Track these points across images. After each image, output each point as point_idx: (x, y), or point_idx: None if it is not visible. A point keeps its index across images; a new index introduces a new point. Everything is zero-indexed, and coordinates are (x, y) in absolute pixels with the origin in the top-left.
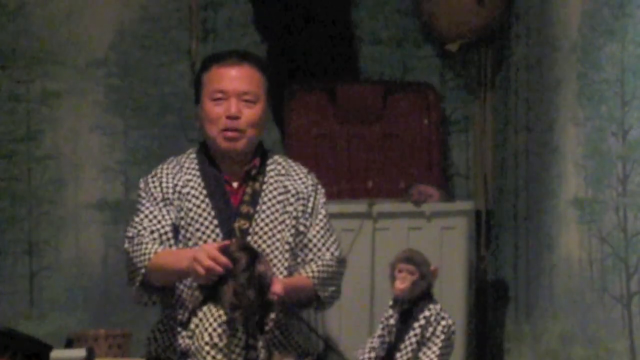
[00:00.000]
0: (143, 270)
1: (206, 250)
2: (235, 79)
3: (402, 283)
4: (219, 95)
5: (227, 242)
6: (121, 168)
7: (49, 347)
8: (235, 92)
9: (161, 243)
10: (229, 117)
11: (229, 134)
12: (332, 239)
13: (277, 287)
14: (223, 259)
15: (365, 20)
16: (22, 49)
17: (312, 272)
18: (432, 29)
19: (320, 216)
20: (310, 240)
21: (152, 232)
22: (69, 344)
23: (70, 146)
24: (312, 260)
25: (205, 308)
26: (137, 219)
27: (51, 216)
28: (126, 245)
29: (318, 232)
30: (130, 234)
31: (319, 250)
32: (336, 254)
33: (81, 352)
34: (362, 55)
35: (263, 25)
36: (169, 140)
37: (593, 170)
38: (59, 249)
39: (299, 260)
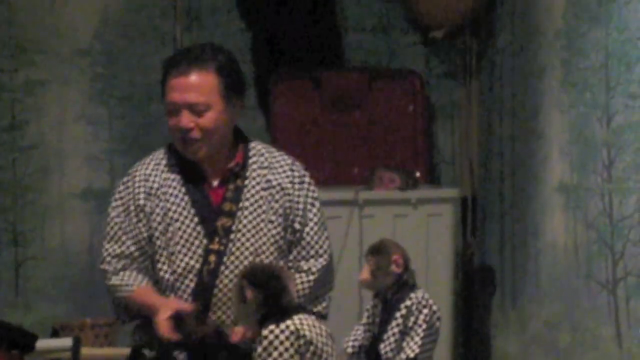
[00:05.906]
0: (122, 307)
1: (158, 323)
2: (183, 90)
3: (361, 275)
4: (171, 107)
5: (188, 306)
6: (106, 157)
7: (35, 336)
8: (184, 104)
9: (124, 269)
10: (180, 130)
11: (187, 146)
12: (325, 235)
13: (236, 336)
14: (167, 332)
15: (351, 7)
16: (6, 38)
17: (300, 289)
18: (417, 16)
19: (314, 210)
20: (303, 238)
21: (117, 258)
22: (55, 333)
23: (55, 135)
24: (306, 257)
25: None
26: (104, 242)
27: (36, 205)
28: (102, 269)
29: (312, 228)
30: (102, 266)
31: (312, 247)
32: (326, 255)
33: (67, 341)
34: (347, 42)
35: (247, 13)
36: (153, 129)
37: (578, 156)
38: (44, 238)
39: (291, 257)
